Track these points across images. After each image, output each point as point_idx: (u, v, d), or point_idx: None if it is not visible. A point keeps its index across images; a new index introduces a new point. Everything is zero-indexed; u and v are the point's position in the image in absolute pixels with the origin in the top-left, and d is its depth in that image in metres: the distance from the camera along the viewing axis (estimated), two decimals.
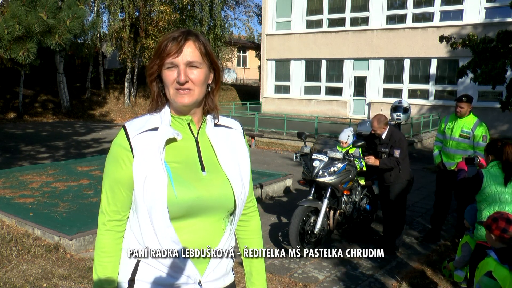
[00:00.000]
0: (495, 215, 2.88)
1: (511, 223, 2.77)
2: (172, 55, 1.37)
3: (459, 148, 5.28)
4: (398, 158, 4.92)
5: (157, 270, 1.41)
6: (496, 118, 16.33)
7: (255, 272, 1.64)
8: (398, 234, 5.12)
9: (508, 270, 2.64)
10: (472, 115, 5.29)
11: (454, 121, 5.34)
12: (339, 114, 20.21)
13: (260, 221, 1.70)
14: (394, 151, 4.92)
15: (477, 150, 5.15)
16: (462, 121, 5.25)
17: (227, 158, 1.48)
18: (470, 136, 5.18)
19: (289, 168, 9.77)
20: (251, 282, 1.64)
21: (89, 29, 6.50)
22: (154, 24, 20.34)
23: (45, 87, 21.83)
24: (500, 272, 2.65)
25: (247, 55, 37.72)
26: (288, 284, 4.22)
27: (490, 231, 2.83)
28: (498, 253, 2.71)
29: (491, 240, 2.85)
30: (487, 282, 2.70)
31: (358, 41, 20.05)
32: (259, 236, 1.68)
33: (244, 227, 1.65)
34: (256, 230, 1.67)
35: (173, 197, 1.36)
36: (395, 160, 4.93)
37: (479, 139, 5.12)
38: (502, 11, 16.62)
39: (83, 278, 4.06)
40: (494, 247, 2.79)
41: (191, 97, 1.40)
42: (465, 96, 5.24)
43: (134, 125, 1.44)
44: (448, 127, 5.38)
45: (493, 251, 2.74)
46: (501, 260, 2.67)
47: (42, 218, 5.32)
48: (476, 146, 5.16)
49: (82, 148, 12.37)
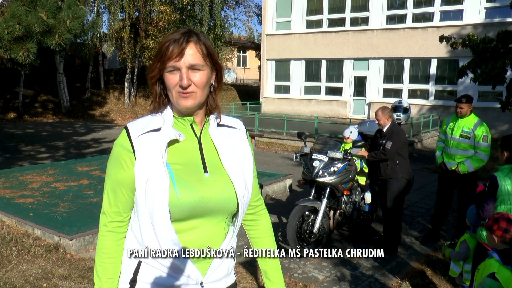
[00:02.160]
0: (495, 215, 2.84)
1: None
2: (173, 58, 1.36)
3: (459, 148, 5.27)
4: (388, 150, 4.94)
5: (158, 270, 1.41)
6: (496, 118, 16.32)
7: (271, 269, 1.63)
8: (396, 233, 5.11)
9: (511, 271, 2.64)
10: (473, 115, 5.28)
11: (455, 121, 5.35)
12: (339, 114, 20.21)
13: (270, 219, 1.69)
14: (387, 143, 4.96)
15: (477, 150, 5.14)
16: (463, 121, 5.25)
17: (230, 159, 1.47)
18: (471, 136, 5.16)
19: (289, 168, 9.77)
20: (269, 280, 1.63)
21: (89, 29, 6.49)
22: (154, 24, 20.35)
23: (45, 87, 21.83)
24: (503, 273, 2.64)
25: (247, 55, 37.72)
26: (288, 284, 4.22)
27: (491, 232, 2.80)
28: (500, 254, 2.69)
29: (492, 242, 2.81)
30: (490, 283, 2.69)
31: (358, 41, 20.05)
32: (271, 234, 1.66)
33: (254, 226, 1.64)
34: (267, 229, 1.66)
35: (175, 199, 1.35)
36: (382, 152, 4.96)
37: (480, 139, 5.11)
38: (502, 11, 16.62)
39: (83, 278, 4.06)
40: (496, 249, 2.77)
41: (194, 99, 1.39)
42: (465, 97, 5.25)
43: (136, 126, 1.43)
44: (449, 127, 5.39)
45: (496, 252, 2.73)
46: (504, 261, 2.66)
47: (42, 218, 5.32)
48: (477, 146, 5.15)
49: (82, 148, 12.37)
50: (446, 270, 4.39)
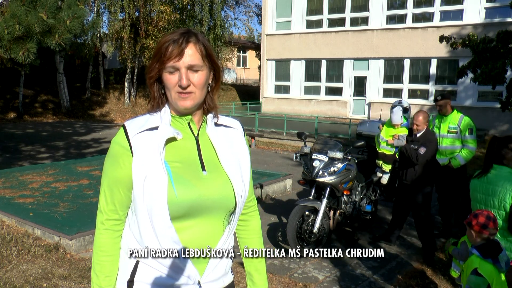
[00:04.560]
0: (476, 211, 2.87)
1: (490, 219, 2.76)
2: (173, 59, 1.36)
3: (448, 143, 5.57)
4: (421, 155, 4.81)
5: (156, 270, 1.41)
6: (496, 118, 16.33)
7: (256, 272, 1.63)
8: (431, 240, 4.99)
9: (492, 264, 2.67)
10: (456, 112, 5.64)
11: (440, 120, 5.67)
12: (339, 114, 20.21)
13: (260, 221, 1.70)
14: (421, 148, 4.87)
15: (465, 143, 5.47)
16: (448, 118, 5.58)
17: (227, 157, 1.47)
18: (457, 131, 5.50)
19: (289, 168, 9.77)
20: (252, 281, 1.64)
21: (89, 29, 6.49)
22: (154, 24, 20.35)
23: (45, 87, 21.83)
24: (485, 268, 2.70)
25: (247, 55, 37.71)
26: (288, 284, 4.22)
27: (470, 227, 2.81)
28: (479, 249, 2.74)
29: (471, 238, 2.83)
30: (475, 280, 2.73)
31: (358, 41, 20.05)
32: (259, 236, 1.67)
33: (244, 227, 1.65)
34: (256, 230, 1.67)
35: (173, 197, 1.35)
36: (416, 153, 4.83)
37: (466, 132, 5.46)
38: (502, 11, 16.62)
39: (83, 278, 4.06)
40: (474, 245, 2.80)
41: (193, 100, 1.40)
42: (440, 95, 5.66)
43: (133, 124, 1.43)
44: (436, 126, 5.68)
45: (475, 248, 2.77)
46: (483, 255, 2.70)
47: (42, 218, 5.32)
48: (464, 139, 5.49)
49: (82, 148, 12.37)
50: (446, 270, 4.39)
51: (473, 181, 3.31)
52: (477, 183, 3.25)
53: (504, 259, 2.72)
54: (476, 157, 7.12)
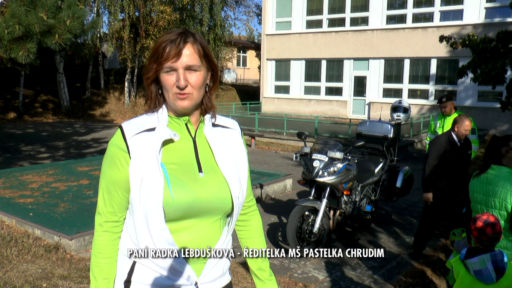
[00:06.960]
0: (476, 216, 2.78)
1: (488, 224, 2.64)
2: (170, 59, 1.35)
3: None
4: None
5: (153, 271, 1.41)
6: (496, 118, 16.33)
7: (260, 270, 1.63)
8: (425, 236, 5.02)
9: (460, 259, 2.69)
10: (458, 112, 5.70)
11: (443, 120, 5.73)
12: (339, 114, 20.21)
13: (261, 221, 1.69)
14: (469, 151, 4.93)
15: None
16: (450, 118, 5.61)
17: (225, 158, 1.47)
18: None
19: (289, 168, 9.77)
20: (259, 280, 1.64)
21: (89, 29, 6.50)
22: (154, 24, 20.35)
23: (45, 87, 21.83)
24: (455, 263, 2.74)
25: (247, 55, 37.71)
26: (288, 284, 4.22)
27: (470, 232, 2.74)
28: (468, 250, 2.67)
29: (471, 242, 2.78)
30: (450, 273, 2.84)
31: (358, 41, 20.05)
32: (261, 235, 1.67)
33: (245, 227, 1.65)
34: (257, 230, 1.66)
35: (169, 199, 1.35)
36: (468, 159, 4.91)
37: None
38: (502, 11, 16.62)
39: (83, 278, 4.06)
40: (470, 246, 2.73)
41: (191, 100, 1.39)
42: (444, 97, 5.68)
43: (131, 125, 1.42)
44: (439, 126, 5.75)
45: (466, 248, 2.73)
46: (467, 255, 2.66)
47: (42, 218, 5.32)
48: None
49: (82, 148, 12.37)
50: (446, 270, 4.39)
51: (472, 182, 3.29)
52: (476, 184, 3.23)
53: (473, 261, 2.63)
54: (476, 157, 7.13)
